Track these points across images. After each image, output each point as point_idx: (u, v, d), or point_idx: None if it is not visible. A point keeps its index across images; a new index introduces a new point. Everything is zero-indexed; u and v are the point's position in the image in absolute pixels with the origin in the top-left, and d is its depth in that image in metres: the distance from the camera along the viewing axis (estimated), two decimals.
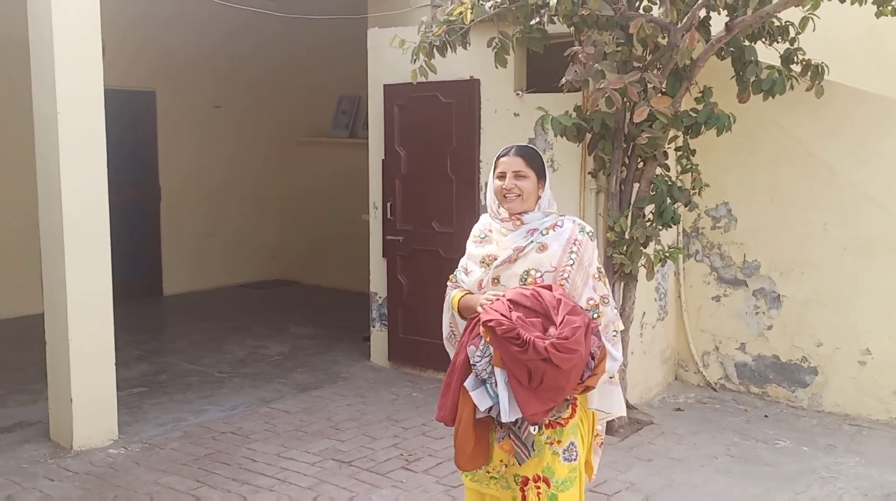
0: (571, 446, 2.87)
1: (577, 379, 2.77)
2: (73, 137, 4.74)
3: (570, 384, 2.75)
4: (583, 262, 2.88)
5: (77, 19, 4.71)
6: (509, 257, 2.91)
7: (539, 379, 2.70)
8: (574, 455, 2.88)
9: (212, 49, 9.52)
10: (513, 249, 2.91)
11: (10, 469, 4.61)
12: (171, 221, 9.55)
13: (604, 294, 2.90)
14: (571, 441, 2.87)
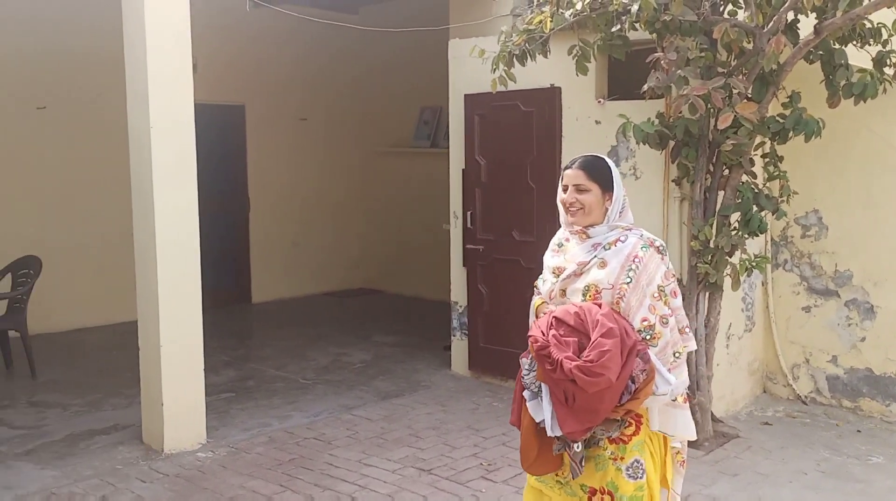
0: (636, 463, 2.82)
1: (614, 402, 2.69)
2: (165, 151, 4.92)
3: (605, 406, 2.69)
4: (640, 281, 2.78)
5: (169, 37, 4.89)
6: (574, 271, 2.88)
7: (573, 399, 2.68)
8: (640, 473, 2.82)
9: (297, 63, 9.75)
10: (577, 263, 2.89)
11: (105, 470, 4.80)
12: (260, 231, 9.80)
13: (664, 314, 2.79)
14: (636, 458, 2.82)
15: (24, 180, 7.99)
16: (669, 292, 2.84)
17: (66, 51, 8.01)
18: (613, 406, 2.71)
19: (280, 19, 6.95)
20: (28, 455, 5.03)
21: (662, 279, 2.82)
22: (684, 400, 2.90)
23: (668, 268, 2.87)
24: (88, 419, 5.70)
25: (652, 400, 2.77)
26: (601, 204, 2.90)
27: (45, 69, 7.96)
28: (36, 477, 4.68)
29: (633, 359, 2.69)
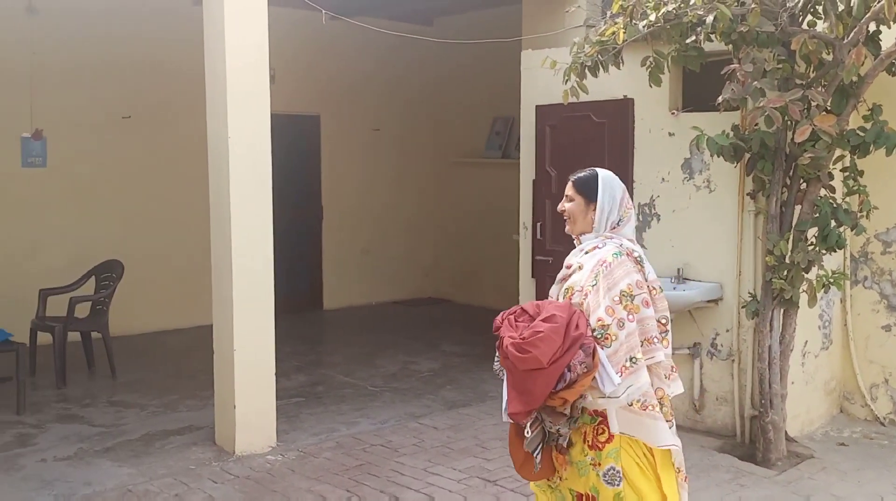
0: (611, 470, 2.89)
1: (548, 386, 2.79)
2: (242, 161, 5.05)
3: (538, 388, 2.80)
4: (602, 284, 2.89)
5: (248, 50, 5.03)
6: (563, 275, 3.10)
7: (512, 379, 2.85)
8: (616, 481, 2.89)
9: (371, 74, 9.89)
10: (566, 267, 3.10)
11: (179, 469, 4.94)
12: (332, 239, 9.95)
13: (621, 318, 2.85)
14: (611, 465, 2.89)
15: (109, 187, 8.30)
16: (641, 302, 2.90)
17: (150, 63, 8.30)
18: (548, 391, 2.80)
19: (355, 31, 7.07)
20: (107, 452, 5.21)
21: (631, 287, 2.89)
22: (641, 408, 2.90)
23: (643, 278, 2.95)
24: (164, 419, 5.87)
25: (606, 402, 2.85)
26: (585, 214, 3.07)
27: (131, 80, 8.25)
28: (113, 474, 4.85)
29: (574, 350, 2.79)
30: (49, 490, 4.61)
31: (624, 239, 3.03)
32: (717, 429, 5.56)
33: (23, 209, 7.83)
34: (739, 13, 4.58)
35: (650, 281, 2.99)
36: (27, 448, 5.28)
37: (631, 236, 3.07)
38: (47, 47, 7.77)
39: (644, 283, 2.95)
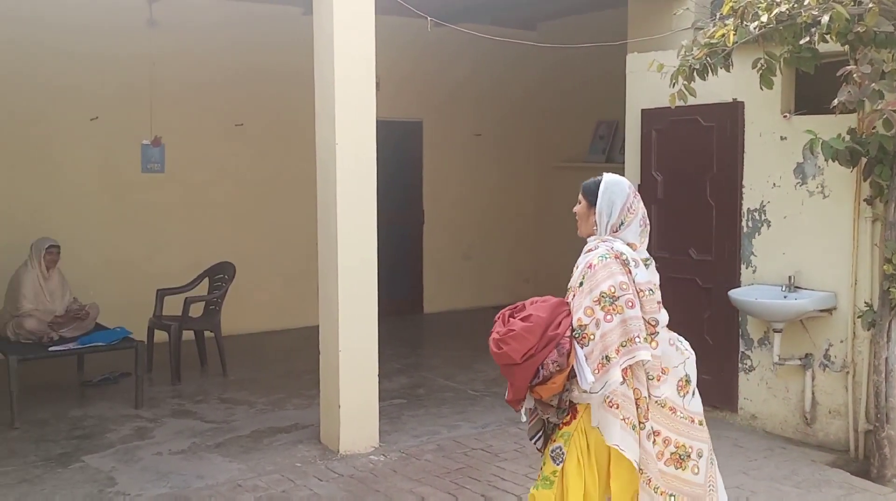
0: (558, 449, 3.11)
1: (524, 381, 3.03)
2: (348, 167, 5.17)
3: (517, 382, 3.07)
4: (586, 285, 3.06)
5: (356, 59, 5.15)
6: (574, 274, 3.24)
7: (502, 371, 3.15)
8: (559, 460, 3.09)
9: (474, 79, 9.95)
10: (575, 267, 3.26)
11: (285, 466, 5.08)
12: (433, 243, 10.05)
13: (599, 319, 3.00)
14: (559, 445, 3.11)
15: (222, 192, 8.62)
16: (624, 303, 3.01)
17: (261, 72, 8.58)
18: (526, 384, 3.04)
19: (458, 36, 7.13)
20: (218, 447, 5.41)
21: (613, 288, 3.02)
22: (609, 405, 3.01)
23: (629, 280, 3.05)
24: (272, 417, 6.06)
25: (587, 397, 3.00)
26: (587, 217, 3.27)
27: (243, 89, 8.56)
28: (224, 469, 5.03)
29: (549, 349, 2.98)
30: (165, 481, 4.82)
31: (618, 242, 3.14)
32: (830, 443, 5.35)
33: (142, 213, 8.22)
34: (856, 13, 4.40)
35: (638, 283, 3.07)
36: (145, 440, 5.53)
37: (632, 240, 3.17)
38: (166, 58, 8.14)
39: (630, 284, 3.04)
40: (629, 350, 2.98)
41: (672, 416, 3.15)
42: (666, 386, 3.12)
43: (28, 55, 7.50)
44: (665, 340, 3.15)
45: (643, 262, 3.15)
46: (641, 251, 3.18)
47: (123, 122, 8.05)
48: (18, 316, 6.40)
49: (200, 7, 8.16)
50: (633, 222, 3.19)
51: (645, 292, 3.08)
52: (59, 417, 5.99)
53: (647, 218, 3.25)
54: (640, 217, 3.20)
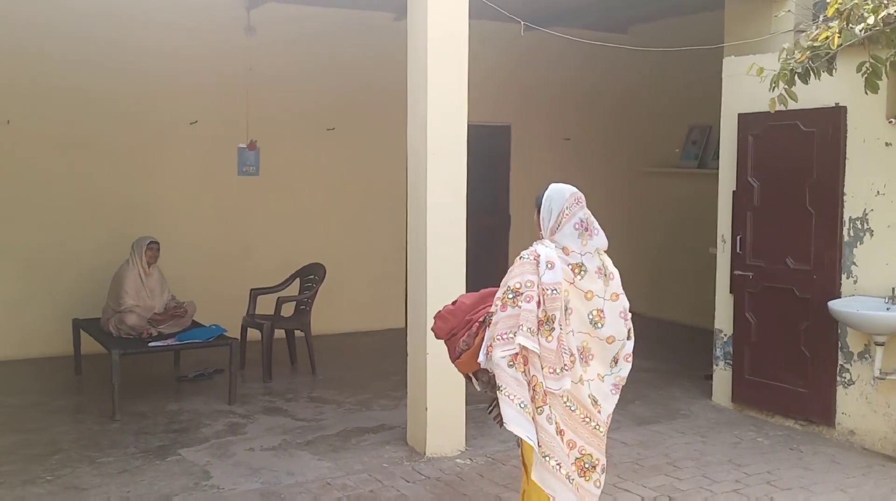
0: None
1: (452, 354, 3.76)
2: (439, 171, 5.21)
3: (450, 354, 3.80)
4: (503, 280, 3.52)
5: (449, 67, 5.18)
6: None
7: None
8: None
9: (563, 83, 9.89)
10: None
11: (373, 466, 5.14)
12: (519, 247, 9.88)
13: (498, 308, 3.45)
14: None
15: (314, 195, 8.79)
16: (524, 298, 3.39)
17: (353, 77, 8.73)
18: (453, 358, 3.76)
19: (548, 40, 7.10)
20: (307, 445, 5.51)
21: (519, 284, 3.42)
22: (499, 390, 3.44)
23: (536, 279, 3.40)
24: (359, 417, 6.14)
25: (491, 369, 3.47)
26: (537, 221, 3.67)
27: (335, 94, 8.72)
28: (314, 467, 5.12)
29: (465, 330, 3.67)
30: (257, 477, 4.94)
31: (550, 246, 3.52)
32: None
33: (237, 214, 8.45)
34: None
35: (544, 283, 3.41)
36: (237, 436, 5.68)
37: (566, 243, 3.52)
38: (262, 64, 8.35)
39: (535, 283, 3.41)
40: (515, 337, 3.37)
41: (572, 414, 3.46)
42: (561, 382, 3.40)
43: (133, 60, 7.80)
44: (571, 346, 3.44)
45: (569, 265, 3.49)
46: (574, 256, 3.51)
47: (221, 126, 8.29)
48: (120, 312, 6.65)
49: (295, 14, 8.34)
50: (567, 226, 3.55)
51: (548, 291, 3.40)
52: (157, 410, 6.20)
53: (586, 222, 3.58)
54: (574, 222, 3.54)
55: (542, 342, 3.39)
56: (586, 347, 3.51)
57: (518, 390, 3.37)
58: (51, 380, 7.04)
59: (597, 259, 3.58)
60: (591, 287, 3.51)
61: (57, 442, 5.48)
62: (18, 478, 4.85)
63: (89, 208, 7.85)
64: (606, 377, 3.57)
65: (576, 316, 3.48)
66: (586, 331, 3.51)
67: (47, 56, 7.49)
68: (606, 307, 3.54)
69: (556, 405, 3.40)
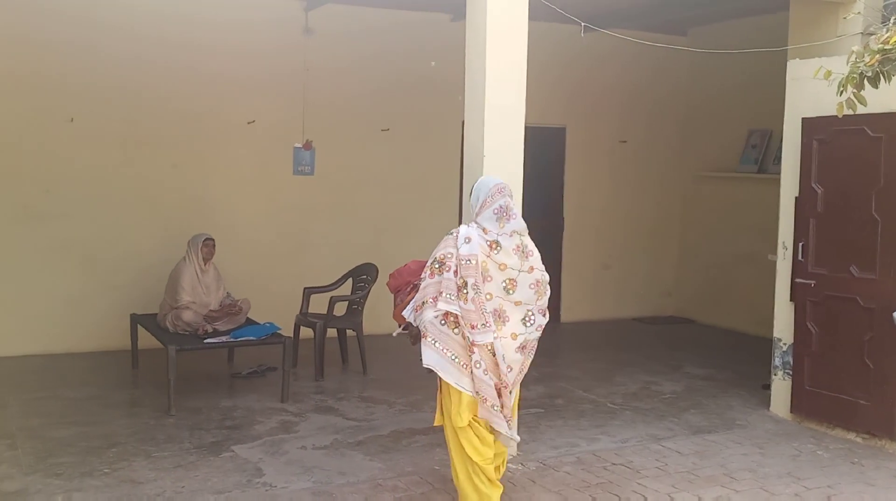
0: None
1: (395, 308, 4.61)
2: (495, 172, 5.14)
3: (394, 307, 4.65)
4: (432, 252, 4.30)
5: (507, 64, 5.14)
6: None
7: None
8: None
9: (621, 85, 9.77)
10: None
11: (424, 468, 5.12)
12: (572, 251, 9.93)
13: (426, 275, 4.29)
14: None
15: (368, 195, 8.82)
16: (445, 268, 4.20)
17: (408, 77, 8.73)
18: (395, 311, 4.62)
19: (605, 42, 7.03)
20: (359, 445, 5.51)
21: (443, 256, 4.24)
22: (423, 336, 4.28)
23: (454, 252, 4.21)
24: (410, 418, 6.13)
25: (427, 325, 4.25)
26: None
27: (390, 94, 8.74)
28: (365, 467, 5.12)
29: (404, 291, 4.56)
30: (309, 476, 4.96)
31: (472, 226, 4.33)
32: None
33: (293, 213, 8.52)
34: None
35: (461, 255, 4.19)
36: (290, 434, 5.71)
37: (485, 224, 4.29)
38: (319, 64, 8.41)
39: (453, 255, 4.21)
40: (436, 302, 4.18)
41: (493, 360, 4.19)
42: (483, 336, 4.15)
43: (193, 60, 7.93)
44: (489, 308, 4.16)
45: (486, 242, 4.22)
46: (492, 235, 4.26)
47: (278, 126, 8.37)
48: (177, 308, 6.74)
49: (353, 14, 8.38)
50: (488, 211, 4.31)
51: (463, 262, 4.17)
52: (211, 406, 6.27)
53: (505, 209, 4.31)
54: (494, 208, 4.30)
55: (461, 305, 4.15)
56: (501, 309, 4.23)
57: (451, 344, 4.22)
58: (109, 374, 7.17)
59: (516, 239, 4.31)
60: (506, 261, 4.24)
61: (114, 436, 5.57)
62: (77, 470, 4.94)
63: (148, 205, 7.98)
64: (519, 336, 4.28)
65: (493, 283, 4.21)
66: (501, 296, 4.23)
67: (110, 56, 7.64)
68: (520, 278, 4.27)
69: (484, 355, 4.16)
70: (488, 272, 4.19)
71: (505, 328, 4.22)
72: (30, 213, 7.60)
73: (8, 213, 7.53)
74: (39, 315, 7.67)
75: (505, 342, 4.21)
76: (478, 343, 4.14)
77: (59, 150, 7.65)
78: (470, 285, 4.13)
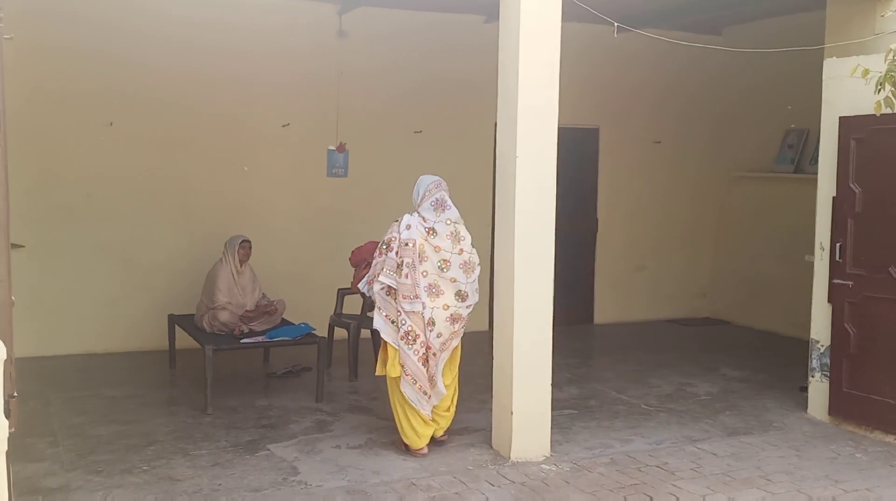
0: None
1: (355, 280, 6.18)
2: (528, 173, 5.16)
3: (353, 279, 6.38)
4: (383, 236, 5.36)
5: (540, 65, 5.15)
6: None
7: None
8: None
9: (654, 85, 9.72)
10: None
11: (458, 468, 5.15)
12: (606, 252, 9.89)
13: (375, 255, 5.38)
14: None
15: (401, 197, 8.77)
16: (388, 249, 5.24)
17: (441, 79, 8.76)
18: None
19: (638, 42, 6.99)
20: (393, 445, 5.54)
21: (390, 239, 5.25)
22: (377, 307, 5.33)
23: (397, 236, 5.23)
24: None
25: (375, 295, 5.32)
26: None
27: (423, 97, 8.78)
28: (399, 467, 5.15)
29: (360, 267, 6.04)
30: (343, 475, 5.00)
31: (414, 215, 5.32)
32: None
33: (327, 215, 8.59)
34: None
35: (402, 237, 5.19)
36: (324, 433, 5.76)
37: (425, 214, 5.30)
38: (352, 67, 8.47)
39: (396, 238, 5.21)
40: (383, 275, 5.21)
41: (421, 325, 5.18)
42: (412, 305, 5.15)
43: (228, 64, 8.02)
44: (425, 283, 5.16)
45: (425, 228, 5.23)
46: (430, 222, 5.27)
47: (312, 128, 8.45)
48: (213, 309, 6.84)
49: (386, 17, 8.43)
50: (427, 203, 5.32)
51: (403, 244, 5.18)
52: (247, 405, 6.34)
53: (441, 201, 5.34)
54: (431, 201, 5.31)
55: (398, 279, 5.14)
56: (436, 284, 5.18)
57: (391, 311, 5.22)
58: (147, 373, 7.29)
59: (451, 227, 5.29)
60: (441, 244, 5.21)
61: (153, 434, 5.66)
62: (117, 467, 5.03)
63: (185, 207, 8.10)
64: (450, 307, 5.22)
65: (428, 263, 5.16)
66: (436, 273, 5.19)
67: (147, 62, 7.75)
68: (453, 259, 5.23)
69: (414, 319, 5.15)
70: (425, 253, 5.15)
71: (438, 299, 5.17)
72: (72, 215, 7.75)
73: (51, 216, 7.68)
74: (81, 316, 7.82)
75: (437, 312, 5.16)
76: (405, 310, 5.14)
77: (100, 154, 7.79)
78: (406, 263, 5.12)
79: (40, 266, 7.62)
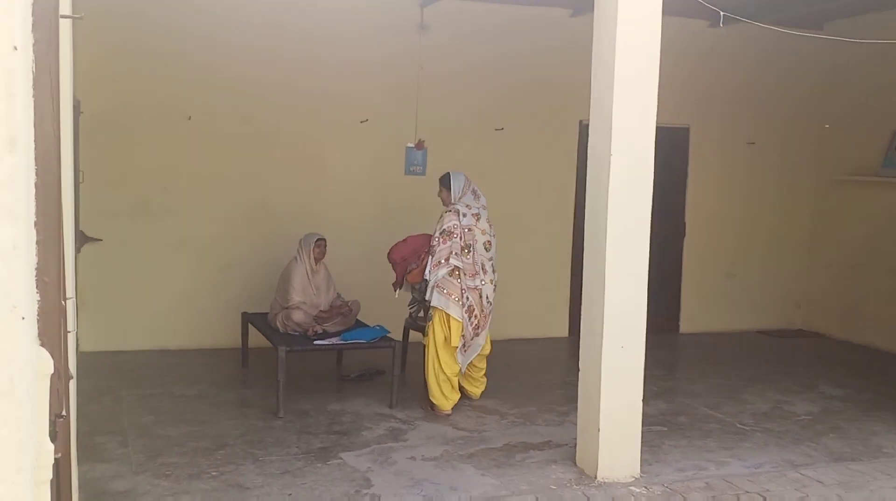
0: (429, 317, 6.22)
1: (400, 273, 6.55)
2: (622, 173, 4.82)
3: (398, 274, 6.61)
4: (437, 227, 6.07)
5: (638, 59, 4.81)
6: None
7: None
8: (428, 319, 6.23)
9: (749, 83, 9.22)
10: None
11: (540, 486, 4.83)
12: (694, 258, 9.42)
13: (438, 241, 6.03)
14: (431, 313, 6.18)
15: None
16: (451, 236, 6.00)
17: (524, 75, 8.44)
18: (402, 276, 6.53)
19: (734, 39, 6.56)
20: (470, 458, 5.26)
21: (450, 227, 6.02)
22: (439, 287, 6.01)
23: (458, 223, 6.04)
24: (523, 431, 5.84)
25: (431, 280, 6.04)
26: (446, 196, 6.26)
27: (505, 93, 8.46)
28: (477, 482, 4.86)
29: (414, 256, 6.39)
30: (419, 489, 4.73)
31: (460, 204, 6.11)
32: None
33: (403, 214, 8.32)
34: None
35: (462, 225, 6.01)
36: (398, 443, 5.51)
37: (469, 203, 6.15)
38: (433, 62, 8.20)
39: (458, 226, 6.00)
40: (451, 259, 5.95)
41: (479, 301, 6.06)
42: (475, 280, 6.03)
43: (307, 58, 7.85)
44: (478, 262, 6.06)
45: (472, 215, 6.08)
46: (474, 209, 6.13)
47: (390, 125, 8.21)
48: (287, 308, 6.65)
49: (468, 10, 8.16)
50: (469, 195, 6.16)
51: (465, 230, 6.01)
52: (319, 410, 6.14)
53: (477, 192, 6.25)
54: (469, 191, 6.19)
55: (464, 260, 5.99)
56: (483, 263, 6.09)
57: (454, 290, 5.96)
58: (219, 372, 7.16)
59: (486, 212, 6.20)
60: (483, 227, 6.14)
61: (223, 437, 5.49)
62: (185, 472, 4.86)
63: (260, 203, 7.95)
64: (493, 281, 6.18)
65: (478, 244, 6.07)
66: (482, 253, 6.10)
67: (228, 48, 7.60)
68: (492, 241, 6.19)
69: (474, 295, 6.01)
70: (474, 237, 6.06)
71: (486, 275, 6.11)
72: (148, 210, 7.68)
73: (128, 210, 7.62)
74: (155, 311, 7.74)
75: (486, 286, 6.10)
76: (470, 287, 5.99)
77: (177, 147, 7.70)
78: (471, 246, 6.03)
79: (117, 260, 7.57)
